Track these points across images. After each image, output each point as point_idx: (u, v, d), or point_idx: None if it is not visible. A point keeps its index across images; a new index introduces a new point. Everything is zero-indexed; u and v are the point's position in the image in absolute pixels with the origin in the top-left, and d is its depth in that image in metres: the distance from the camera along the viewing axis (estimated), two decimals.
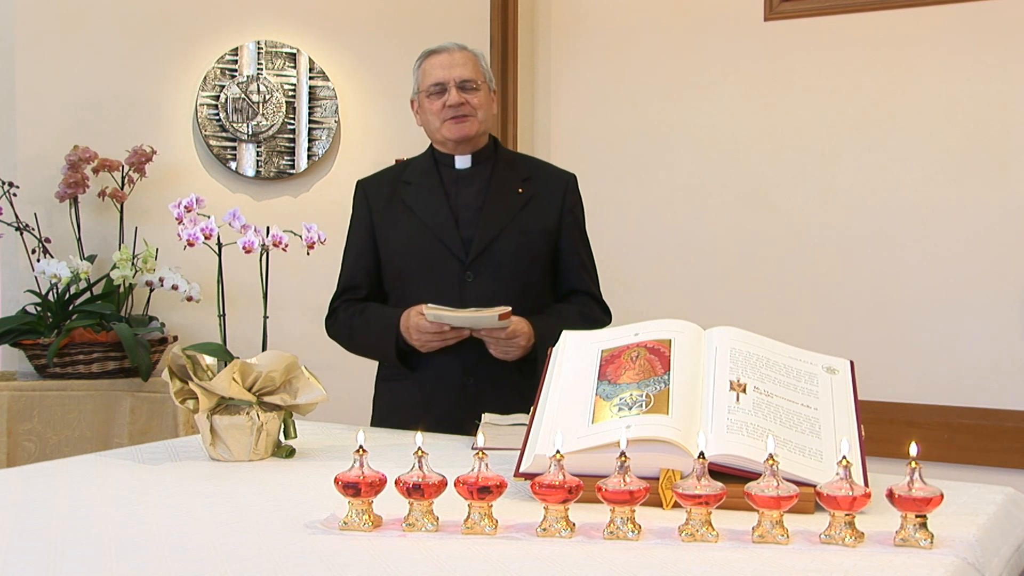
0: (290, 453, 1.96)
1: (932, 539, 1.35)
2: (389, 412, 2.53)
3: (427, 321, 2.32)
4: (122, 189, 3.54)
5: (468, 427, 2.24)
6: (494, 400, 2.34)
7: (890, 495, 1.36)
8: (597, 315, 2.55)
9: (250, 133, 3.76)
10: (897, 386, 3.67)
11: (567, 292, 2.56)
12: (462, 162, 2.54)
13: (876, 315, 3.72)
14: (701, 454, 1.41)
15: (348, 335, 2.56)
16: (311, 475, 1.80)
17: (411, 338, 2.38)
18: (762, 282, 3.89)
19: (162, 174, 3.64)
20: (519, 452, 1.66)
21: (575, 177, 2.61)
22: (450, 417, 2.32)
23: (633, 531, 1.39)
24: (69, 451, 3.13)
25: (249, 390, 1.91)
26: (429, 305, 2.30)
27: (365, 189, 2.60)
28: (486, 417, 2.22)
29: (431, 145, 2.59)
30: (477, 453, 1.42)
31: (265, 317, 2.14)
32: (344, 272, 2.60)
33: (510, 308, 2.29)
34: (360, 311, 2.52)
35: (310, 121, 3.84)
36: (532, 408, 1.75)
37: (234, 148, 3.77)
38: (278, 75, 3.81)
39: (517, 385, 2.41)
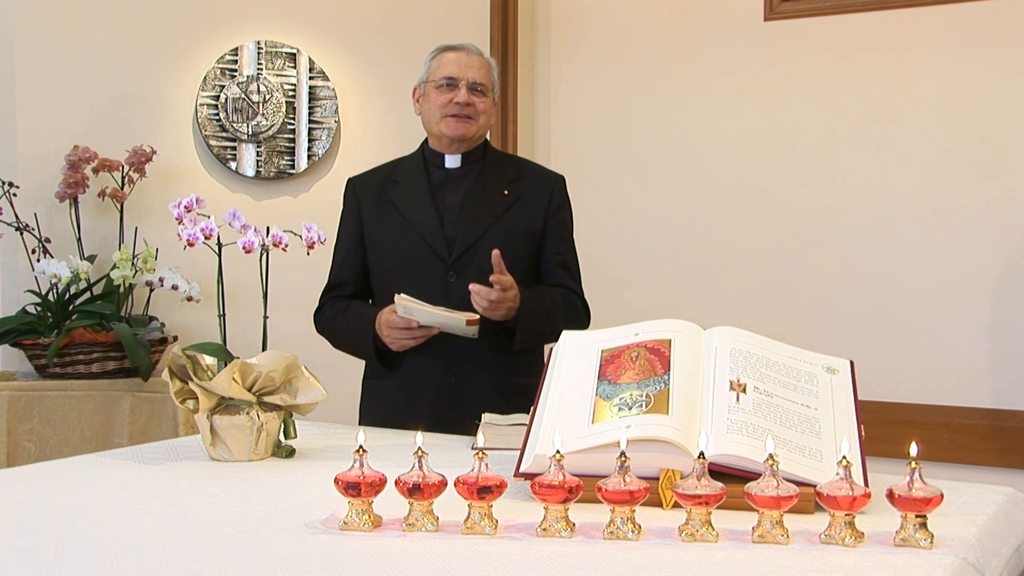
0: (290, 453, 1.96)
1: (932, 539, 1.35)
2: (373, 410, 2.55)
3: (397, 316, 2.34)
4: (122, 189, 3.54)
5: (450, 426, 2.24)
6: (475, 399, 2.35)
7: (890, 495, 1.36)
8: (577, 305, 2.56)
9: (250, 133, 3.76)
10: (897, 386, 3.67)
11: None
12: (452, 161, 2.56)
13: (876, 315, 3.72)
14: (701, 454, 1.41)
15: (331, 332, 2.59)
16: (311, 475, 1.81)
17: (382, 335, 2.40)
18: (762, 282, 3.89)
19: (162, 174, 3.64)
20: (519, 452, 1.66)
21: (563, 179, 2.63)
22: (432, 416, 2.32)
23: (633, 531, 1.39)
24: (69, 451, 3.13)
25: (249, 390, 1.91)
26: (403, 295, 2.30)
27: (355, 187, 2.62)
28: (486, 417, 2.22)
29: (423, 143, 2.60)
30: (477, 453, 1.42)
31: (265, 317, 2.14)
32: (333, 269, 2.62)
33: (479, 316, 2.30)
34: (343, 309, 2.54)
35: (310, 121, 3.84)
36: (532, 408, 1.75)
37: (234, 148, 3.77)
38: (278, 75, 3.81)
39: (500, 384, 2.43)
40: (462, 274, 2.44)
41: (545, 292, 2.49)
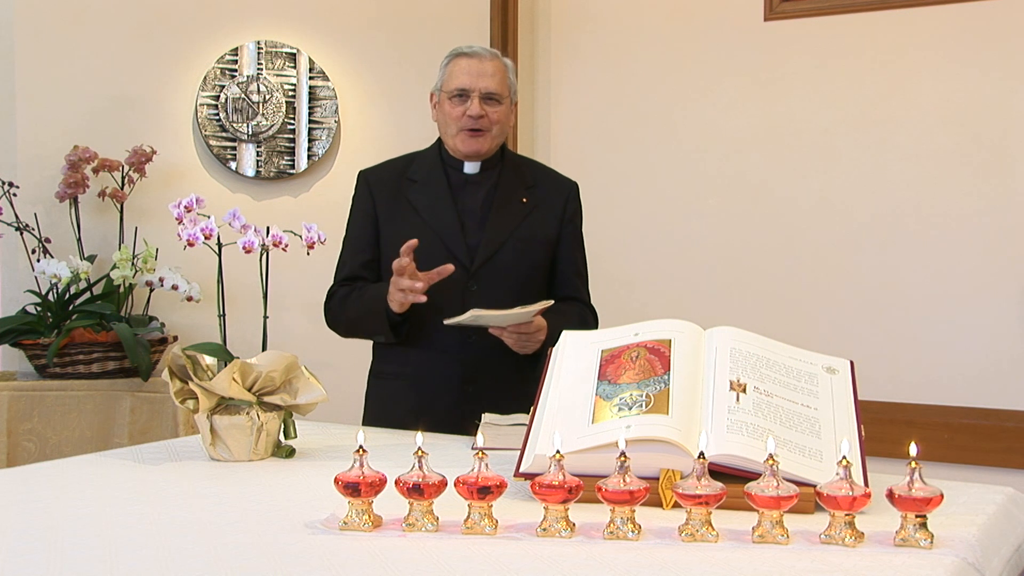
0: (290, 453, 1.96)
1: (932, 539, 1.35)
2: (383, 411, 2.49)
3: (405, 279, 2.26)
4: (122, 189, 3.54)
5: (464, 432, 2.21)
6: (491, 408, 2.32)
7: (890, 495, 1.36)
8: (590, 321, 2.57)
9: (250, 133, 3.77)
10: (897, 386, 3.67)
11: (561, 298, 2.52)
12: (471, 167, 2.52)
13: (876, 315, 3.72)
14: (701, 454, 1.41)
15: (341, 311, 2.49)
16: (311, 475, 1.80)
17: (391, 295, 2.31)
18: (762, 282, 3.89)
19: (162, 174, 3.64)
20: (519, 452, 1.66)
21: (577, 186, 2.62)
22: (446, 423, 2.27)
23: (633, 531, 1.39)
24: (69, 451, 3.13)
25: (249, 390, 1.91)
26: (474, 310, 2.23)
27: (369, 180, 2.55)
28: (486, 417, 2.22)
29: (439, 142, 2.56)
30: (477, 453, 1.42)
31: (265, 317, 2.14)
32: (344, 263, 2.55)
33: (552, 301, 2.29)
34: (357, 288, 2.48)
35: (310, 121, 3.84)
36: (532, 408, 1.75)
37: (234, 148, 3.77)
38: (278, 75, 3.81)
39: (517, 393, 2.36)
40: (483, 282, 2.42)
41: (566, 316, 2.43)
